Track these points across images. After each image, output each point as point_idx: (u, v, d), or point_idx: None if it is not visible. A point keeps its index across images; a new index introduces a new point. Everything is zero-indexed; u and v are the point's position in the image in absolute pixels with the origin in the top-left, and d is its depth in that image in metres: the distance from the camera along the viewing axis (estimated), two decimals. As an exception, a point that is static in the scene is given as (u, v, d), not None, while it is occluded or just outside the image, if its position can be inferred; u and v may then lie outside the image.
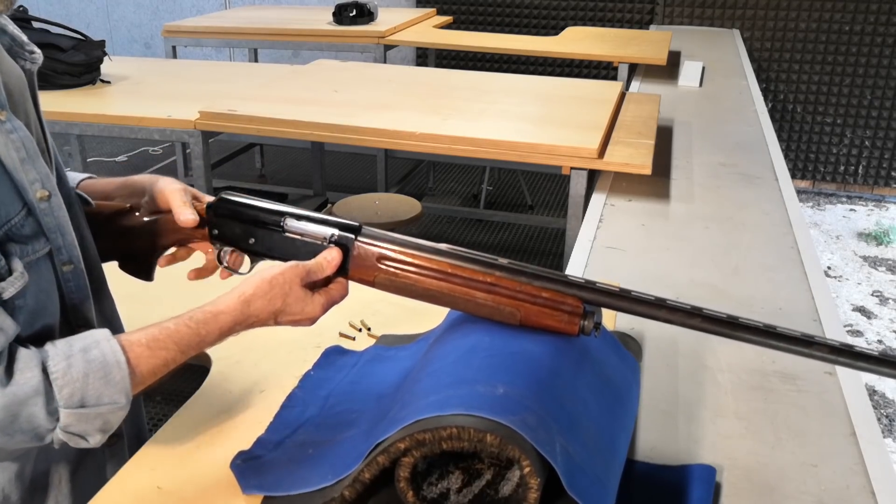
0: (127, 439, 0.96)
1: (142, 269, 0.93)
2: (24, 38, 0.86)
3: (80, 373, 0.72)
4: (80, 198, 0.92)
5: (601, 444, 0.77)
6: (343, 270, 0.85)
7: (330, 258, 0.84)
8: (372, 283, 0.85)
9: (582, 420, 0.76)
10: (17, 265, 0.75)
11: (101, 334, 0.76)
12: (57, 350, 0.73)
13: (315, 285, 0.84)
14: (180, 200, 0.89)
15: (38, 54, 0.87)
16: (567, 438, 0.71)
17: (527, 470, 0.66)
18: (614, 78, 3.22)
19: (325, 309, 0.84)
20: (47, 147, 0.84)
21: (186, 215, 0.87)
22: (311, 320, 0.84)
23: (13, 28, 0.86)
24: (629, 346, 1.00)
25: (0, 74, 0.77)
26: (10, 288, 0.74)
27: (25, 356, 0.71)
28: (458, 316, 0.91)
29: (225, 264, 0.90)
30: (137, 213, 0.93)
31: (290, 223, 0.85)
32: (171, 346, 0.77)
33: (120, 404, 0.74)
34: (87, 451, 0.89)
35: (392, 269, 0.84)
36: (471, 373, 0.76)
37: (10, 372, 0.70)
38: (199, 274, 0.93)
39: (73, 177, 0.99)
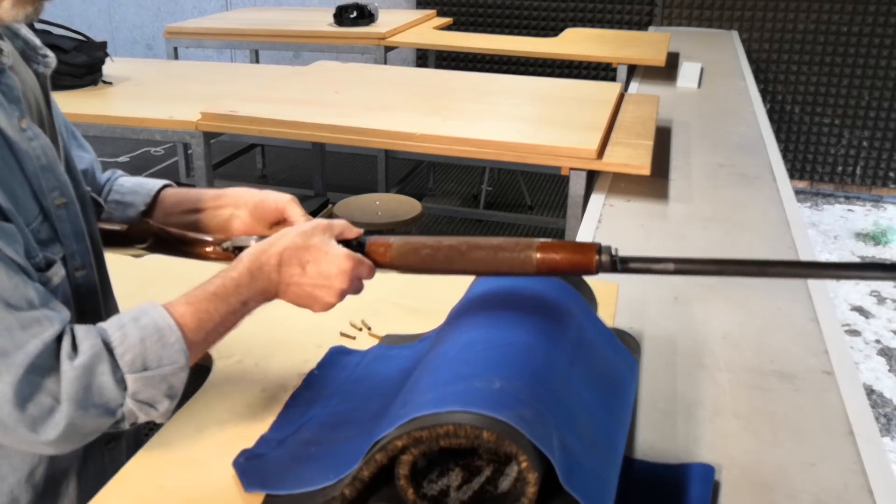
0: (125, 440, 0.97)
1: None
2: (38, 41, 0.88)
3: (136, 338, 0.74)
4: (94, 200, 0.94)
5: (597, 438, 0.78)
6: None
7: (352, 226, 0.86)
8: (387, 262, 0.87)
9: (577, 413, 0.77)
10: (53, 259, 0.78)
11: (146, 304, 0.78)
12: (109, 323, 0.76)
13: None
14: (299, 213, 0.93)
15: (52, 58, 0.88)
16: (564, 432, 0.72)
17: (524, 465, 0.67)
18: (613, 79, 3.22)
19: (352, 270, 0.83)
20: (58, 149, 0.86)
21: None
22: (338, 275, 0.83)
23: (26, 32, 0.87)
24: (627, 344, 1.01)
25: (18, 81, 0.79)
26: (55, 277, 0.77)
27: (83, 331, 0.74)
28: (459, 312, 0.92)
29: None
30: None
31: None
32: (210, 297, 0.79)
33: (180, 364, 0.76)
34: (91, 453, 0.91)
35: (404, 242, 0.86)
36: (468, 368, 0.76)
37: (75, 347, 0.72)
38: None
39: (151, 185, 1.02)
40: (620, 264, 0.80)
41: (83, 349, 0.72)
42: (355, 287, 0.85)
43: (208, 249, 0.95)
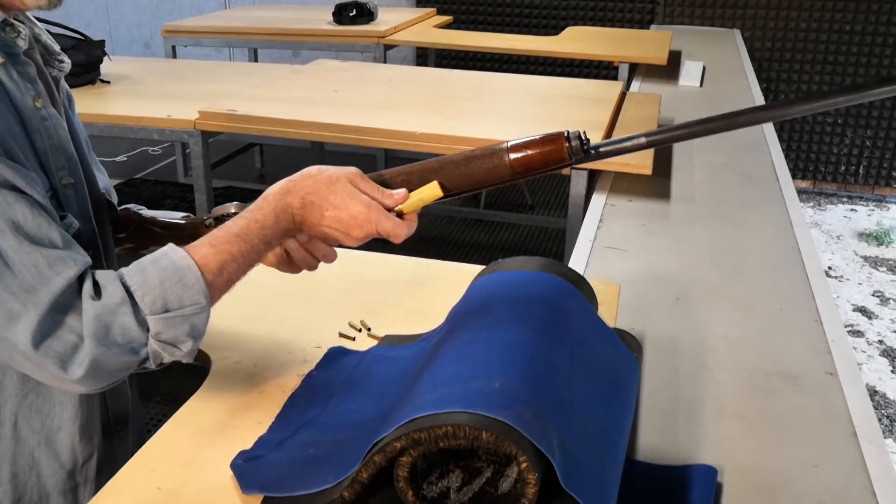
0: (132, 433, 0.99)
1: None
2: (57, 47, 0.93)
3: (155, 280, 0.76)
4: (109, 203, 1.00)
5: (597, 438, 0.77)
6: None
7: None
8: None
9: (578, 413, 0.76)
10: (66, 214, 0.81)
11: (167, 247, 0.79)
12: (129, 267, 0.77)
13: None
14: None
15: (67, 63, 0.92)
16: (564, 432, 0.71)
17: (524, 465, 0.66)
18: (615, 78, 3.22)
19: (369, 223, 0.82)
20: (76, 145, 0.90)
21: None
22: (356, 227, 0.82)
23: (46, 37, 0.91)
24: (628, 344, 1.00)
25: (34, 67, 0.83)
26: (70, 229, 0.80)
27: (104, 275, 0.76)
28: (458, 312, 0.92)
29: None
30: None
31: None
32: (231, 238, 0.80)
33: (201, 304, 0.77)
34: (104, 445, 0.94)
35: (376, 176, 0.86)
36: (467, 368, 0.76)
37: (97, 291, 0.74)
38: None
39: (172, 214, 1.07)
40: (592, 150, 0.79)
41: (106, 293, 0.74)
42: (382, 229, 0.83)
43: (187, 233, 0.99)
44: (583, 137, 0.79)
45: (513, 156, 0.80)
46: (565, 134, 0.79)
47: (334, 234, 0.83)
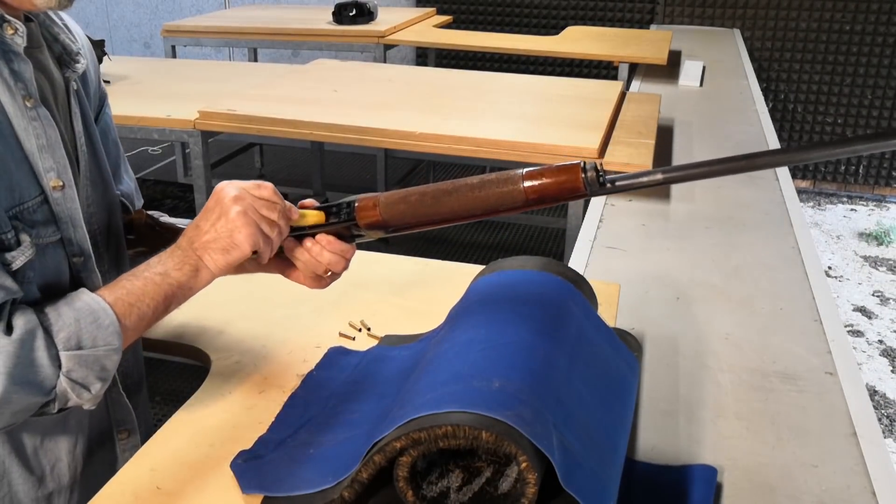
0: (141, 437, 0.98)
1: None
2: (75, 47, 0.91)
3: (70, 318, 0.76)
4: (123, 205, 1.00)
5: (597, 438, 0.77)
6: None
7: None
8: (379, 218, 0.85)
9: (577, 413, 0.76)
10: (25, 238, 0.78)
11: (80, 290, 0.79)
12: (44, 306, 0.77)
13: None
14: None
15: (82, 64, 0.91)
16: (563, 432, 0.71)
17: (524, 465, 0.66)
18: (615, 77, 3.22)
19: (242, 198, 0.82)
20: (76, 152, 0.88)
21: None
22: (232, 232, 0.81)
23: (65, 37, 0.90)
24: (628, 343, 1.00)
25: (31, 66, 0.81)
26: (19, 258, 0.77)
27: (19, 309, 0.74)
28: (458, 312, 0.91)
29: None
30: None
31: None
32: (140, 277, 0.80)
33: (114, 346, 0.77)
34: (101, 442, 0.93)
35: (391, 194, 0.85)
36: (466, 368, 0.76)
37: (9, 324, 0.73)
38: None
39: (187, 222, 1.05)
40: (609, 183, 0.79)
41: (18, 324, 0.72)
42: (263, 210, 0.83)
43: None
44: (599, 170, 0.79)
45: (527, 183, 0.79)
46: (581, 165, 0.79)
47: (219, 241, 0.82)
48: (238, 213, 0.81)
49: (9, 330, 0.72)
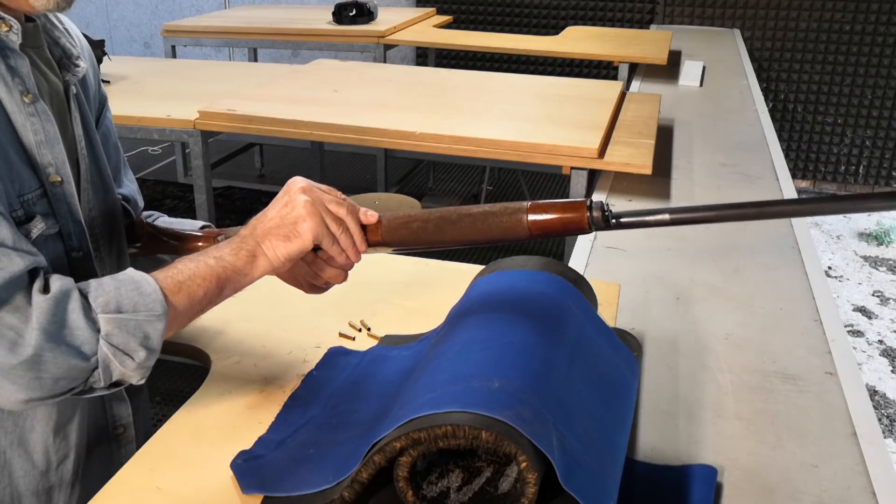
0: (141, 437, 0.98)
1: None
2: (75, 51, 0.91)
3: (111, 286, 0.75)
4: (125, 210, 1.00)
5: (597, 438, 0.77)
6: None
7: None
8: (379, 238, 0.86)
9: (577, 413, 0.76)
10: (36, 215, 0.80)
11: (128, 269, 0.79)
12: (87, 280, 0.76)
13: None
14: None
15: (82, 68, 0.91)
16: (563, 432, 0.71)
17: (524, 465, 0.66)
18: (615, 77, 3.22)
19: (305, 190, 0.82)
20: (76, 155, 0.88)
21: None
22: (297, 221, 0.82)
23: (66, 41, 0.90)
24: (628, 343, 1.00)
25: (28, 62, 0.81)
26: (35, 228, 0.79)
27: (57, 276, 0.74)
28: (458, 312, 0.91)
29: None
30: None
31: None
32: (194, 260, 0.80)
33: (156, 312, 0.75)
34: (99, 442, 0.93)
35: (393, 217, 0.86)
36: (466, 368, 0.76)
37: (46, 285, 0.73)
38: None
39: (191, 223, 1.06)
40: (614, 220, 0.79)
41: (55, 286, 0.72)
42: (321, 202, 0.83)
43: (199, 244, 0.98)
44: (605, 208, 0.79)
45: (531, 217, 0.80)
46: (588, 203, 0.79)
47: (282, 229, 0.82)
48: (305, 202, 0.82)
49: (46, 290, 0.72)
